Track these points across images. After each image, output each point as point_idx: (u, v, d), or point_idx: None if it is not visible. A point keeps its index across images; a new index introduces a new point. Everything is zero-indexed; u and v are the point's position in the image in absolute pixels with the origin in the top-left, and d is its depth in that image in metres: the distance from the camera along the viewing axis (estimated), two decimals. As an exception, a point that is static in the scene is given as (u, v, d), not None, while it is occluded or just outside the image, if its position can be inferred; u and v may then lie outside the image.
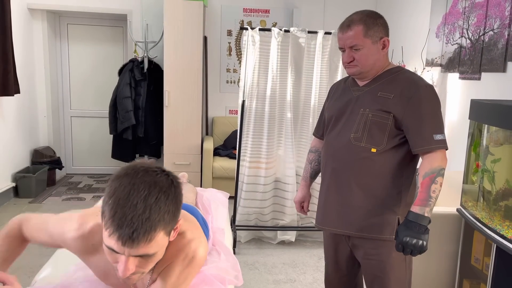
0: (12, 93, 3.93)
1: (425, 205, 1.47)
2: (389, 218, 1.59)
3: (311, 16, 5.02)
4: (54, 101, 5.09)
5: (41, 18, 4.79)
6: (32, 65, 4.76)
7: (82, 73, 5.23)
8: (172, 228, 1.08)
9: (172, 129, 4.52)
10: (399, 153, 1.58)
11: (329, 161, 1.67)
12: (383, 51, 1.60)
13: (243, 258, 3.19)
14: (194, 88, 4.50)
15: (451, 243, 2.58)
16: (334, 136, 1.66)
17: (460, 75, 3.28)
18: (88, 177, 5.29)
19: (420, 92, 1.53)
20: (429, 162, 1.50)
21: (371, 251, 1.62)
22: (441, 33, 3.58)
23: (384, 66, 1.63)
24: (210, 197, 2.29)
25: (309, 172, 1.92)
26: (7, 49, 3.83)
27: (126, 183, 1.02)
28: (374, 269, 1.63)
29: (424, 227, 1.46)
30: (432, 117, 1.53)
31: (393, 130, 1.55)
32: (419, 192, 1.49)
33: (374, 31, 1.56)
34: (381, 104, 1.55)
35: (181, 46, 4.40)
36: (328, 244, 1.81)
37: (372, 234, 1.59)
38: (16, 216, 1.44)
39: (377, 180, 1.57)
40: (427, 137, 1.51)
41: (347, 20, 1.59)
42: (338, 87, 1.79)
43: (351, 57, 1.58)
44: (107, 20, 5.12)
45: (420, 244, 1.44)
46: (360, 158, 1.57)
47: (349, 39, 1.56)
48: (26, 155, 4.65)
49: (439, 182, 1.49)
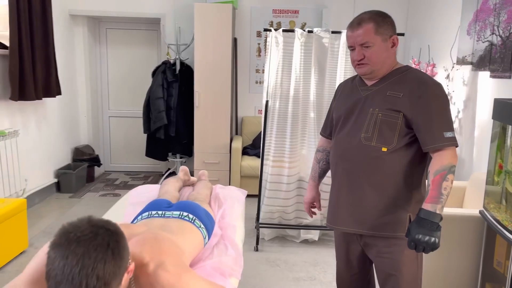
0: (54, 94, 4.20)
1: (437, 202, 1.48)
2: (400, 216, 1.61)
3: (341, 16, 5.00)
4: (93, 102, 5.37)
5: (82, 24, 5.08)
6: (73, 68, 5.05)
7: (119, 75, 5.49)
8: (120, 279, 1.09)
9: (202, 129, 4.65)
10: (409, 152, 1.59)
11: (340, 161, 1.68)
12: (392, 50, 1.62)
13: (265, 255, 3.26)
14: (223, 89, 4.61)
15: (474, 245, 2.52)
16: (344, 136, 1.67)
17: (491, 74, 3.17)
18: (125, 174, 5.54)
19: (429, 90, 1.55)
20: (440, 159, 1.51)
21: (384, 249, 1.64)
22: (472, 30, 3.48)
23: (393, 65, 1.65)
24: (228, 194, 2.37)
25: (318, 172, 1.94)
26: (49, 53, 4.10)
27: (60, 256, 1.02)
28: (387, 267, 1.65)
29: (436, 224, 1.47)
30: (442, 115, 1.54)
31: (403, 129, 1.56)
32: (430, 189, 1.50)
33: (384, 29, 1.58)
34: (391, 103, 1.57)
35: (211, 48, 4.52)
36: (339, 243, 1.83)
37: (385, 233, 1.61)
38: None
39: (388, 179, 1.59)
40: (438, 135, 1.52)
41: (357, 19, 1.61)
42: (346, 87, 1.79)
43: (361, 55, 1.59)
44: (142, 24, 5.34)
45: (433, 241, 1.45)
46: (371, 157, 1.59)
47: (359, 37, 1.57)
48: (67, 153, 4.94)
49: (450, 179, 1.49)
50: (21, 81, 3.68)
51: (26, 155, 4.06)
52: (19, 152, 3.82)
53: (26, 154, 4.06)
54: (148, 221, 1.66)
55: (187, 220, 1.70)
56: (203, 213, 1.77)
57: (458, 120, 3.71)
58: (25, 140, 4.04)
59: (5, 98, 3.70)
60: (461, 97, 3.67)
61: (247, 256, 3.22)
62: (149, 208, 1.83)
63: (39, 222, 3.80)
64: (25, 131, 4.04)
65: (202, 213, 1.75)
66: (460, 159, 3.66)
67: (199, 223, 1.70)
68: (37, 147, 4.26)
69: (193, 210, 1.74)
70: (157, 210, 1.77)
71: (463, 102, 3.63)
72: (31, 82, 3.76)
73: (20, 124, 3.95)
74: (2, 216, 2.87)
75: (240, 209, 2.27)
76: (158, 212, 1.76)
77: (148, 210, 1.81)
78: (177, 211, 1.74)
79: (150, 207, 1.83)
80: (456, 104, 3.75)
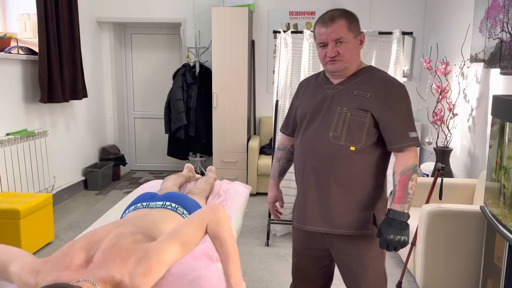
0: (80, 97, 4.47)
1: (404, 202, 1.52)
2: (366, 214, 1.63)
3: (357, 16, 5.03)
4: (119, 104, 5.64)
5: (108, 30, 5.36)
6: (100, 72, 5.34)
7: (143, 78, 5.74)
8: None
9: (220, 129, 4.81)
10: (375, 151, 1.62)
11: (307, 159, 1.66)
12: (360, 47, 1.65)
13: (275, 250, 3.36)
14: (240, 90, 4.75)
15: (475, 241, 2.53)
16: (311, 134, 1.66)
17: (501, 71, 3.15)
18: (149, 173, 5.78)
19: (395, 91, 1.59)
20: (404, 160, 1.55)
21: (350, 247, 1.66)
22: (484, 27, 3.45)
23: (359, 64, 1.67)
24: (232, 188, 2.50)
25: (278, 171, 1.91)
26: (76, 58, 4.37)
27: None
28: (352, 264, 1.67)
29: (405, 223, 1.52)
30: (407, 115, 1.58)
31: (371, 128, 1.59)
32: (397, 190, 1.54)
33: (354, 25, 1.61)
34: (359, 103, 1.58)
35: (228, 50, 4.67)
36: (302, 240, 1.79)
37: (351, 231, 1.63)
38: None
39: (355, 177, 1.60)
40: (403, 135, 1.56)
41: (328, 16, 1.60)
42: (309, 84, 1.77)
43: (335, 52, 1.58)
44: (165, 28, 5.57)
45: (403, 240, 1.50)
46: (339, 156, 1.59)
47: (334, 32, 1.56)
48: (94, 153, 5.22)
49: (415, 179, 1.54)
50: (50, 84, 3.95)
51: (55, 154, 4.34)
52: (48, 151, 4.09)
53: (55, 153, 4.34)
54: (134, 213, 1.80)
55: (169, 209, 1.81)
56: (190, 202, 1.89)
57: (471, 118, 3.68)
58: (54, 140, 4.33)
59: (35, 100, 3.99)
60: (474, 95, 3.64)
61: (258, 251, 3.34)
62: (135, 202, 1.96)
63: (66, 217, 4.06)
64: (54, 132, 4.33)
65: (187, 202, 1.87)
66: (473, 156, 3.64)
67: (182, 210, 1.82)
68: (65, 146, 4.54)
69: (177, 200, 1.87)
70: (142, 202, 1.91)
71: (476, 100, 3.60)
72: (59, 85, 4.03)
73: (49, 125, 4.23)
74: (29, 209, 3.11)
75: (241, 201, 2.38)
76: (143, 203, 1.89)
77: (134, 204, 1.94)
78: (160, 201, 1.87)
79: (136, 201, 1.97)
80: (470, 102, 3.72)
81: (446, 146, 3.80)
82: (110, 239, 1.40)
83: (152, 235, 1.49)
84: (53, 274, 1.30)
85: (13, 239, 3.03)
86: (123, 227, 1.49)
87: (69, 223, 3.89)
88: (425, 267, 2.57)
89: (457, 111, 3.91)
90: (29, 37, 4.10)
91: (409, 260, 2.80)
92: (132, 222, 1.57)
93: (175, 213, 1.81)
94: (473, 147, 3.63)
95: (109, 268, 1.28)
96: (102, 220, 2.25)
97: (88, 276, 1.28)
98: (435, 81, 4.14)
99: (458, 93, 3.88)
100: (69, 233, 3.66)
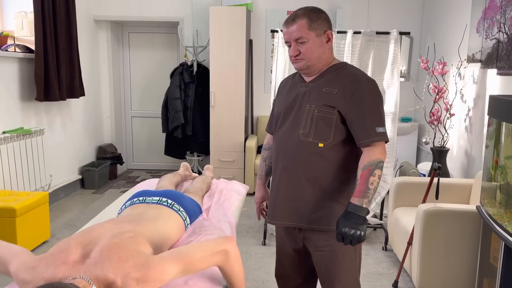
0: (77, 95, 4.46)
1: (364, 196, 1.52)
2: (337, 209, 1.64)
3: (355, 16, 5.05)
4: (116, 103, 5.63)
5: (105, 28, 5.34)
6: (97, 70, 5.32)
7: (141, 77, 5.73)
8: None
9: (217, 128, 4.80)
10: (345, 148, 1.62)
11: (280, 157, 1.70)
12: (328, 45, 1.65)
13: (272, 249, 3.36)
14: (238, 89, 4.74)
15: (471, 241, 2.54)
16: (283, 133, 1.69)
17: (498, 71, 3.16)
18: (146, 172, 5.76)
19: (362, 86, 1.58)
20: (369, 155, 1.55)
21: (322, 243, 1.67)
22: (481, 28, 3.46)
23: (330, 61, 1.68)
24: (229, 187, 2.50)
25: (264, 170, 1.93)
26: (73, 56, 4.36)
27: None
28: (325, 260, 1.68)
29: (363, 218, 1.50)
30: (374, 111, 1.58)
31: (338, 124, 1.60)
32: (358, 184, 1.54)
33: (317, 24, 1.60)
34: (326, 100, 1.60)
35: (226, 49, 4.67)
36: (281, 238, 1.83)
37: (321, 226, 1.65)
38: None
39: (325, 173, 1.62)
40: (370, 130, 1.56)
41: (292, 15, 1.62)
42: (287, 83, 1.80)
43: (297, 51, 1.60)
44: (163, 27, 5.56)
45: (358, 234, 1.48)
46: (308, 153, 1.62)
47: (294, 32, 1.59)
48: (91, 151, 5.21)
49: (377, 174, 1.53)
50: (46, 83, 3.94)
51: (52, 152, 4.33)
52: (45, 150, 4.08)
53: (52, 151, 4.33)
54: (130, 210, 1.80)
55: (165, 205, 1.81)
56: (186, 199, 1.89)
57: (468, 118, 3.69)
58: (51, 139, 4.31)
59: (31, 99, 3.97)
60: (470, 95, 3.65)
61: (254, 250, 3.34)
62: (131, 198, 1.97)
63: (63, 215, 4.04)
64: (51, 130, 4.31)
65: (183, 199, 1.87)
66: (470, 156, 3.65)
67: (177, 207, 1.82)
68: (62, 145, 4.53)
69: (173, 197, 1.87)
70: (139, 197, 1.91)
71: (472, 100, 3.61)
72: (55, 83, 4.01)
73: (45, 123, 4.22)
74: (25, 207, 3.10)
75: (238, 200, 2.38)
76: (139, 198, 1.89)
77: (131, 199, 1.95)
78: (157, 197, 1.88)
79: (132, 197, 1.97)
80: (467, 102, 3.73)
81: (443, 146, 3.81)
82: (109, 238, 1.40)
83: (150, 235, 1.49)
84: (49, 270, 1.29)
85: (9, 238, 3.02)
86: (121, 225, 1.49)
87: (65, 222, 3.88)
88: (421, 266, 2.58)
89: (454, 111, 3.92)
90: (26, 35, 4.09)
91: (406, 259, 2.80)
92: (129, 220, 1.57)
93: (171, 209, 1.81)
94: (470, 147, 3.64)
95: (105, 267, 1.28)
96: (98, 218, 2.24)
97: (84, 273, 1.27)
98: (432, 81, 4.15)
99: (455, 93, 3.89)
100: (65, 231, 3.65)
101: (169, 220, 1.71)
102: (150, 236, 1.48)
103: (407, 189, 3.17)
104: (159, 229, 1.58)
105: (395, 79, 3.41)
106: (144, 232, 1.48)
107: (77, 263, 1.31)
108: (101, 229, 1.45)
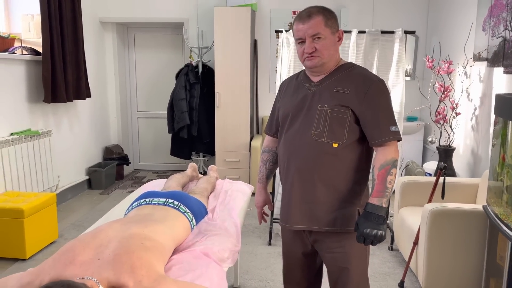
0: (83, 97, 4.49)
1: (382, 196, 1.52)
2: (351, 210, 1.64)
3: (360, 15, 5.04)
4: (123, 104, 5.66)
5: (111, 30, 5.38)
6: (104, 72, 5.36)
7: (147, 78, 5.76)
8: None
9: (222, 128, 4.82)
10: (358, 147, 1.62)
11: (291, 159, 1.66)
12: (338, 44, 1.65)
13: (277, 249, 3.36)
14: (243, 89, 4.75)
15: (478, 241, 2.53)
16: (293, 134, 1.66)
17: (505, 69, 3.14)
18: (152, 173, 5.79)
19: (374, 86, 1.59)
20: (384, 154, 1.55)
21: (335, 244, 1.66)
22: (487, 26, 3.44)
23: (338, 61, 1.67)
24: (234, 187, 2.51)
25: (265, 173, 1.91)
26: (79, 58, 4.40)
27: None
28: (339, 261, 1.67)
29: (383, 217, 1.51)
30: (387, 110, 1.59)
31: (352, 124, 1.59)
32: (376, 184, 1.54)
33: (332, 22, 1.60)
34: (339, 99, 1.59)
35: (230, 50, 4.68)
36: (288, 241, 1.81)
37: (336, 228, 1.63)
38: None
39: (339, 174, 1.61)
40: (384, 129, 1.56)
41: (305, 12, 1.61)
42: (290, 84, 1.77)
43: (313, 47, 1.58)
44: (168, 28, 5.58)
45: (380, 234, 1.49)
46: (322, 154, 1.60)
47: (311, 28, 1.57)
48: (98, 152, 5.24)
49: (394, 173, 1.54)
50: (53, 84, 3.97)
51: (59, 153, 4.36)
52: (52, 151, 4.11)
53: (59, 152, 4.37)
54: (137, 211, 1.81)
55: (172, 207, 1.83)
56: (192, 200, 1.90)
57: (474, 117, 3.67)
58: (58, 140, 4.35)
59: (38, 100, 4.01)
60: (477, 94, 3.63)
61: (260, 250, 3.35)
62: (138, 198, 1.98)
63: (70, 216, 4.08)
64: (58, 131, 4.35)
65: (189, 201, 1.88)
66: (476, 155, 3.63)
67: (184, 209, 1.83)
68: (69, 146, 4.57)
69: (179, 198, 1.88)
70: (145, 198, 1.92)
71: (479, 99, 3.59)
72: (62, 85, 4.05)
73: (53, 124, 4.25)
74: (33, 208, 3.13)
75: (243, 200, 2.39)
76: (146, 199, 1.91)
77: (137, 200, 1.96)
78: (163, 198, 1.89)
79: (139, 197, 1.99)
80: (473, 101, 3.71)
81: (449, 145, 3.79)
82: (120, 241, 1.41)
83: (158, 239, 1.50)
84: (56, 269, 1.30)
85: (17, 238, 3.05)
86: (129, 226, 1.50)
87: (72, 222, 3.91)
88: (427, 266, 2.57)
89: (460, 110, 3.90)
90: (33, 37, 4.13)
91: (412, 259, 2.80)
92: (136, 220, 1.58)
93: (177, 211, 1.82)
94: (476, 146, 3.62)
95: (118, 270, 1.29)
96: (104, 219, 2.26)
97: (92, 274, 1.28)
98: (438, 80, 4.13)
99: (461, 92, 3.87)
100: (72, 232, 3.68)
101: (176, 221, 1.72)
102: (161, 242, 1.49)
103: (413, 188, 3.16)
104: (167, 231, 1.59)
105: (400, 78, 3.40)
106: (154, 238, 1.49)
107: (84, 263, 1.32)
108: (109, 230, 1.46)
